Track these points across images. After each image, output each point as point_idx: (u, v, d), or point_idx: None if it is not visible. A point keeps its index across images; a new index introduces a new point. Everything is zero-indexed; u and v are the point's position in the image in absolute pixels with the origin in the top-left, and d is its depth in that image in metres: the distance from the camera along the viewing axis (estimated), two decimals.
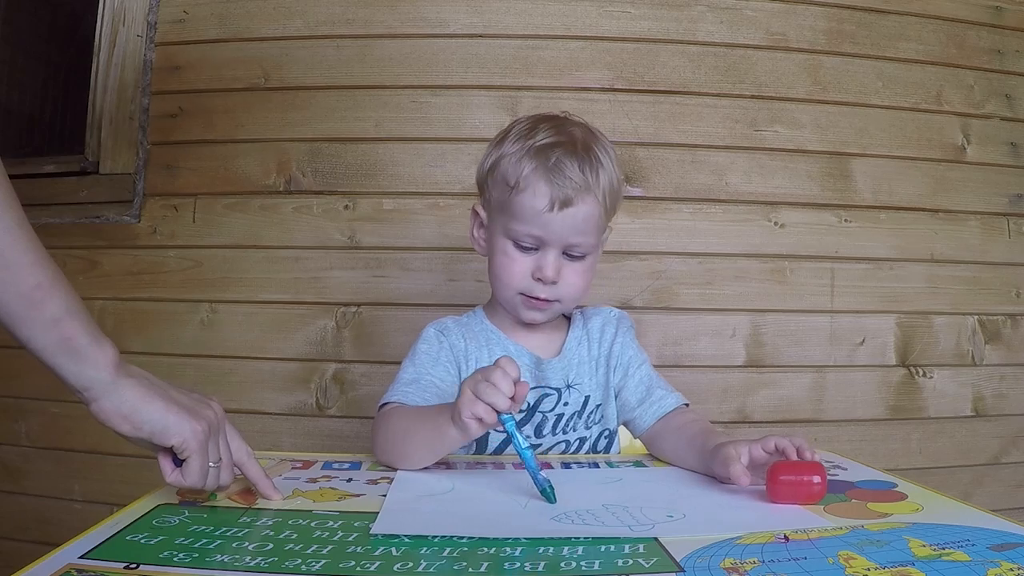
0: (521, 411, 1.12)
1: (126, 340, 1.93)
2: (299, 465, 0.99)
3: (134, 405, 0.75)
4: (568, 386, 1.18)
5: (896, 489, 0.88)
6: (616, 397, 1.20)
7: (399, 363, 1.21)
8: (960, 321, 1.99)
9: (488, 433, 1.12)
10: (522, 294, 1.13)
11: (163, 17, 1.96)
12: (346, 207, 1.91)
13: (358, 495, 0.86)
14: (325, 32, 1.92)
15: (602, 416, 1.19)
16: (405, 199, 1.90)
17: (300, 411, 1.90)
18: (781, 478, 0.82)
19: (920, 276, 1.97)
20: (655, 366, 1.84)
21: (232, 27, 1.95)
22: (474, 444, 1.15)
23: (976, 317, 1.99)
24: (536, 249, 1.11)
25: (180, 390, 0.81)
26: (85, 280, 1.94)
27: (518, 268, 1.12)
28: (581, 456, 1.15)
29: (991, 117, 2.02)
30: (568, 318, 1.26)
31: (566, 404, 1.17)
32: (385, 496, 0.84)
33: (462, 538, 0.69)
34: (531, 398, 1.15)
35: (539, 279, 1.11)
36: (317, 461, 1.02)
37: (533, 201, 1.09)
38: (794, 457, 0.88)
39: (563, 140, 1.11)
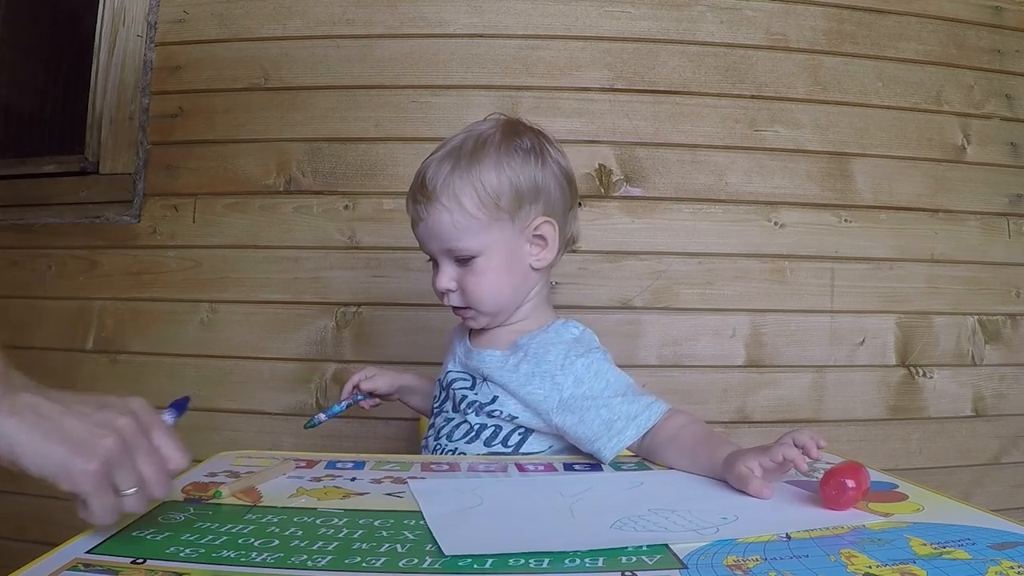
0: (444, 388, 1.24)
1: (126, 340, 1.93)
2: (303, 464, 1.00)
3: (11, 446, 0.63)
4: (484, 379, 1.17)
5: (897, 490, 0.88)
6: (566, 431, 1.12)
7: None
8: (960, 321, 1.99)
9: (436, 413, 1.24)
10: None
11: (163, 17, 1.97)
12: (346, 207, 1.91)
13: (362, 494, 0.86)
14: (325, 32, 1.93)
15: (519, 426, 1.15)
16: (405, 199, 1.90)
17: (300, 411, 1.90)
18: (845, 482, 0.79)
19: (920, 276, 1.98)
20: (655, 366, 1.87)
21: (232, 27, 1.95)
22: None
23: (976, 317, 2.00)
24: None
25: (81, 410, 0.67)
26: (85, 280, 1.94)
27: (432, 282, 1.19)
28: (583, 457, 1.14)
29: (991, 117, 2.03)
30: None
31: (476, 392, 1.17)
32: (389, 494, 0.85)
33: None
34: (451, 378, 1.23)
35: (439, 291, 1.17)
36: (321, 460, 1.02)
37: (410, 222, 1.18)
38: (803, 464, 0.86)
39: (436, 156, 1.17)
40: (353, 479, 0.92)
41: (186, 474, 0.93)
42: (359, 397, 1.32)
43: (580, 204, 1.28)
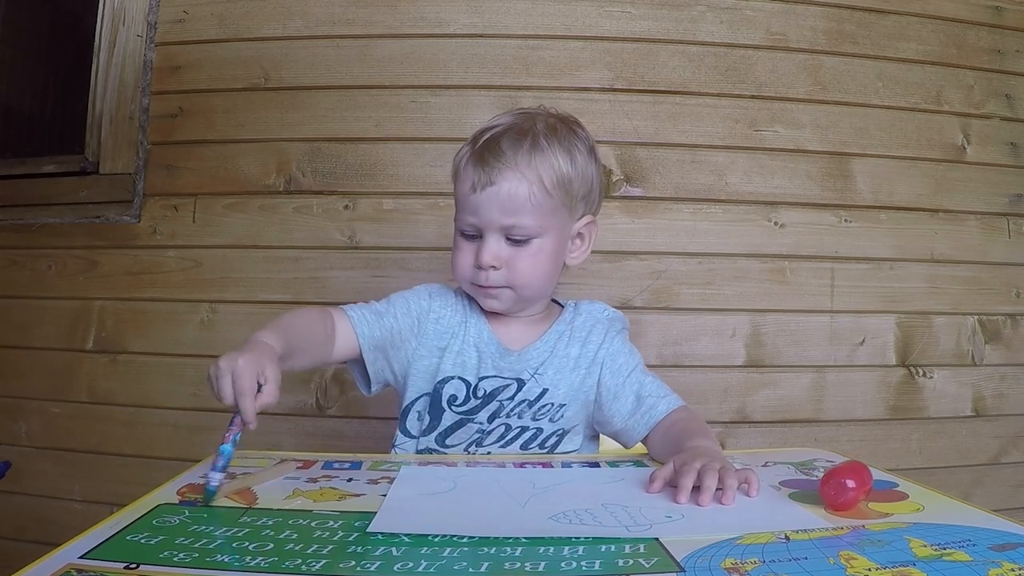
0: (478, 398, 1.15)
1: (126, 340, 1.93)
2: (300, 465, 0.99)
3: None
4: (532, 376, 1.16)
5: (897, 489, 0.88)
6: (601, 406, 1.17)
7: None
8: (960, 321, 1.99)
9: (443, 411, 1.16)
10: (473, 283, 1.14)
11: (163, 17, 1.96)
12: (346, 207, 1.91)
13: (358, 495, 0.85)
14: (325, 32, 1.92)
15: (562, 416, 1.15)
16: (405, 199, 1.90)
17: (300, 411, 1.89)
18: (846, 482, 0.79)
19: (920, 276, 1.97)
20: (655, 366, 1.86)
21: (232, 27, 1.95)
22: (427, 418, 1.17)
23: (976, 317, 1.99)
24: (480, 237, 1.12)
25: None
26: (85, 280, 1.94)
27: (463, 257, 1.14)
28: (582, 456, 1.15)
29: (991, 117, 2.02)
30: (562, 306, 1.25)
31: (523, 392, 1.15)
32: (385, 496, 0.84)
33: (462, 537, 0.69)
34: (488, 387, 1.16)
35: (479, 266, 1.11)
36: (317, 461, 1.02)
37: (464, 186, 1.12)
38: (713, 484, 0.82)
39: (506, 125, 1.13)
40: (349, 480, 0.92)
41: (182, 475, 0.93)
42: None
43: None
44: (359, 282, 1.90)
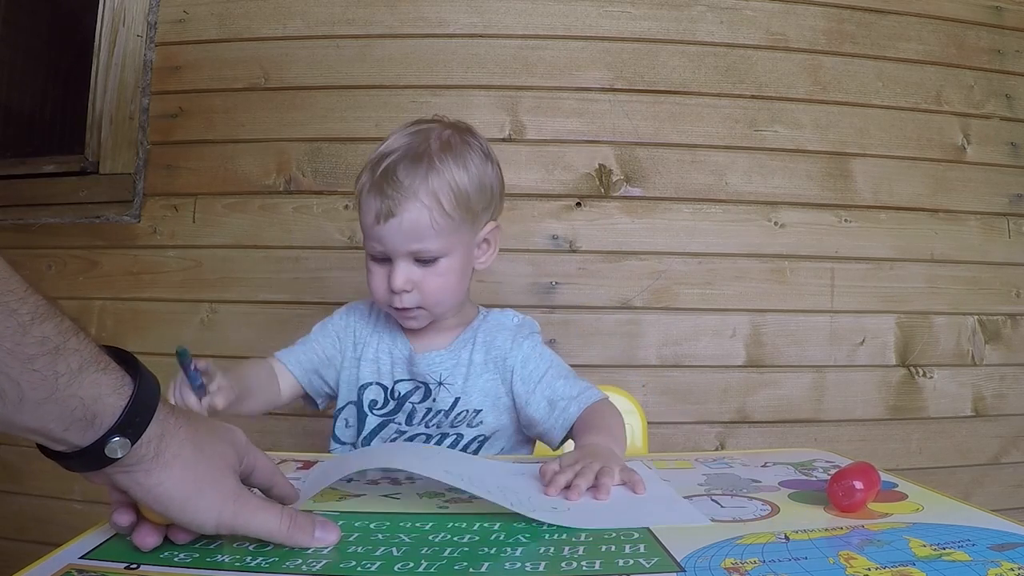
0: (394, 399, 1.19)
1: (126, 340, 1.93)
2: (300, 465, 0.99)
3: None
4: (439, 383, 1.18)
5: (896, 489, 0.88)
6: (520, 412, 1.19)
7: None
8: (960, 321, 1.99)
9: (366, 416, 1.20)
10: (390, 305, 1.17)
11: (163, 17, 1.97)
12: (346, 207, 1.91)
13: (358, 495, 0.85)
14: (325, 32, 1.93)
15: (480, 422, 1.18)
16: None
17: (300, 411, 1.89)
18: (854, 484, 0.78)
19: (920, 276, 1.98)
20: (655, 366, 1.87)
21: (232, 27, 1.95)
22: (354, 424, 1.23)
23: (976, 317, 1.99)
24: (390, 260, 1.14)
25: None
26: (85, 280, 1.94)
27: (377, 281, 1.17)
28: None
29: (991, 117, 2.03)
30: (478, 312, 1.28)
31: (434, 400, 1.18)
32: (385, 496, 0.84)
33: (462, 537, 0.69)
34: (402, 389, 1.20)
35: (392, 290, 1.14)
36: (318, 461, 1.02)
37: (367, 216, 1.14)
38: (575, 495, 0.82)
39: (402, 150, 1.14)
40: (350, 480, 0.92)
41: None
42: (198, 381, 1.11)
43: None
44: (359, 282, 1.89)
